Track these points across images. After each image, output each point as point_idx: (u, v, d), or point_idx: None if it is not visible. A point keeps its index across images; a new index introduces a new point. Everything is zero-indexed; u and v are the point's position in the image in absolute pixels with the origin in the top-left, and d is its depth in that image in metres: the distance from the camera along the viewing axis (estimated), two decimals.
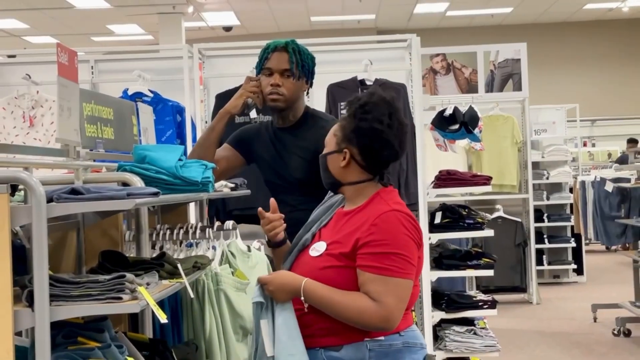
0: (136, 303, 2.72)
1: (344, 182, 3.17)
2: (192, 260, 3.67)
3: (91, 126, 3.78)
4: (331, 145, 3.18)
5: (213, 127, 4.18)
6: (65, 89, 3.38)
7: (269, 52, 4.06)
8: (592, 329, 9.55)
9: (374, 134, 3.09)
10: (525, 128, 11.13)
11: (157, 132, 5.94)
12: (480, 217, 6.75)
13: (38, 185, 2.60)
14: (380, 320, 2.93)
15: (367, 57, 6.44)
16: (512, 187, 11.12)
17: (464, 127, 8.93)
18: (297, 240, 3.25)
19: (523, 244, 11.29)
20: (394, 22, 19.77)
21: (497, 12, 19.37)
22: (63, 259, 3.43)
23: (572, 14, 20.04)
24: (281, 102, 4.05)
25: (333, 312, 2.99)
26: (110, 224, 3.64)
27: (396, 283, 2.93)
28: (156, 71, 6.74)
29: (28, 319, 2.62)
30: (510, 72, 11.09)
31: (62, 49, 3.39)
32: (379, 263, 2.94)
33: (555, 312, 10.65)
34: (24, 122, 6.41)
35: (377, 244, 2.97)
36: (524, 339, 9.10)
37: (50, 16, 17.65)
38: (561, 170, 12.72)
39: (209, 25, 19.07)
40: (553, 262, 12.84)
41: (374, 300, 2.93)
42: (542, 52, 19.48)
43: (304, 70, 4.07)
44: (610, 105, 20.73)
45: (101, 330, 2.92)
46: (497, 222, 10.90)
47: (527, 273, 11.34)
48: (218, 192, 4.30)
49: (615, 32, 21.05)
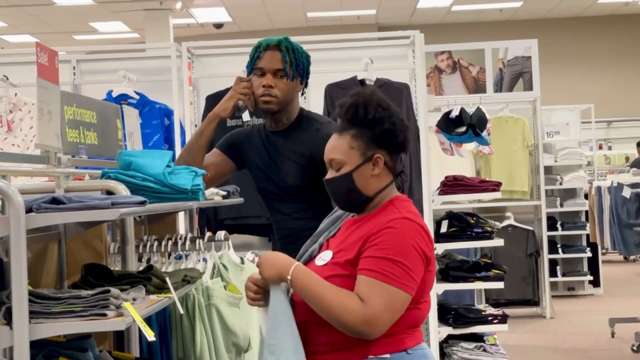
0: (122, 320, 2.71)
1: (373, 194, 3.12)
2: (182, 274, 3.67)
3: (73, 131, 3.78)
4: (354, 160, 3.10)
5: (202, 132, 4.17)
6: (45, 91, 3.38)
7: (260, 51, 4.03)
8: (610, 345, 9.55)
9: (400, 129, 3.11)
10: (537, 130, 11.14)
11: (143, 136, 5.94)
12: (489, 226, 6.75)
13: (16, 194, 2.60)
14: (361, 322, 2.88)
15: (367, 55, 6.45)
16: (523, 193, 11.12)
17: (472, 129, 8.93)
18: (304, 250, 3.23)
19: (535, 254, 11.30)
20: (395, 17, 19.80)
21: (506, 6, 19.40)
22: (43, 273, 3.43)
23: (586, 8, 20.06)
24: (274, 104, 4.02)
25: (316, 302, 2.96)
26: (93, 235, 3.64)
27: (389, 290, 2.91)
28: (142, 71, 6.74)
29: (6, 338, 2.62)
30: (521, 70, 11.10)
31: (41, 49, 3.39)
32: (376, 267, 2.92)
33: (570, 327, 10.65)
34: (1, 126, 6.41)
35: (379, 248, 2.95)
36: (536, 355, 9.11)
37: (29, 13, 17.67)
38: (575, 175, 12.74)
39: (199, 22, 19.10)
40: (567, 274, 12.84)
41: (361, 301, 2.91)
42: (554, 48, 19.50)
43: (299, 69, 4.05)
44: (628, 105, 20.74)
45: (84, 349, 2.92)
46: (508, 231, 10.91)
47: (540, 285, 11.34)
48: (209, 200, 4.30)
49: (632, 27, 21.08)
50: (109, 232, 3.84)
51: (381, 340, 2.98)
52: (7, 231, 2.60)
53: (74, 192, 3.21)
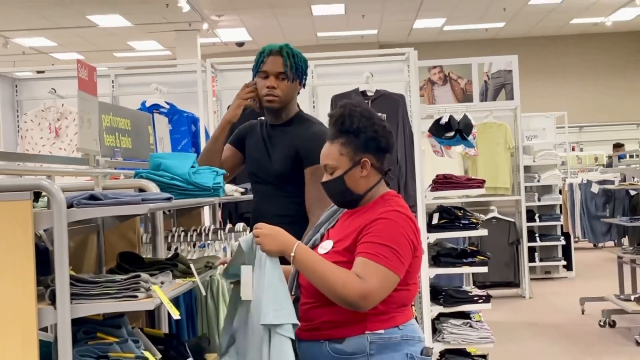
0: (150, 301, 2.71)
1: (364, 192, 3.13)
2: (204, 261, 3.67)
3: (110, 136, 3.78)
4: (344, 164, 3.12)
5: (216, 137, 4.15)
6: (85, 101, 3.38)
7: (264, 56, 4.00)
8: (580, 321, 9.53)
9: (385, 134, 3.13)
10: (517, 134, 11.11)
11: (173, 141, 5.94)
12: (475, 218, 6.74)
13: (59, 192, 2.60)
14: (359, 295, 2.89)
15: (368, 70, 6.44)
16: (505, 189, 11.10)
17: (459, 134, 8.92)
18: (307, 240, 3.23)
19: (516, 242, 11.28)
20: (394, 36, 19.77)
21: (491, 26, 19.36)
22: (84, 260, 3.43)
23: (560, 28, 20.02)
24: (276, 102, 4.01)
25: (319, 277, 2.97)
26: (128, 227, 3.64)
27: (382, 271, 2.92)
28: (172, 84, 6.75)
29: (51, 316, 2.62)
30: (503, 82, 11.08)
31: (82, 65, 3.39)
32: (372, 250, 2.94)
33: (546, 306, 10.63)
34: (50, 132, 6.42)
35: (374, 235, 2.97)
36: (516, 331, 9.09)
37: (76, 34, 17.71)
38: (551, 174, 12.71)
39: (223, 41, 19.10)
40: (544, 259, 12.83)
41: (359, 278, 2.91)
42: (533, 63, 19.46)
43: (298, 72, 4.02)
44: (596, 112, 20.72)
45: (118, 327, 2.92)
46: (492, 222, 10.89)
47: (520, 269, 11.33)
48: (228, 196, 4.29)
49: (600, 44, 21.04)
50: (141, 224, 3.84)
51: (376, 317, 3.00)
52: (51, 224, 2.60)
53: (110, 190, 3.22)
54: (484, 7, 17.24)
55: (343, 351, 3.00)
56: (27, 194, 2.58)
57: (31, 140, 6.44)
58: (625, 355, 7.77)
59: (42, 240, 2.78)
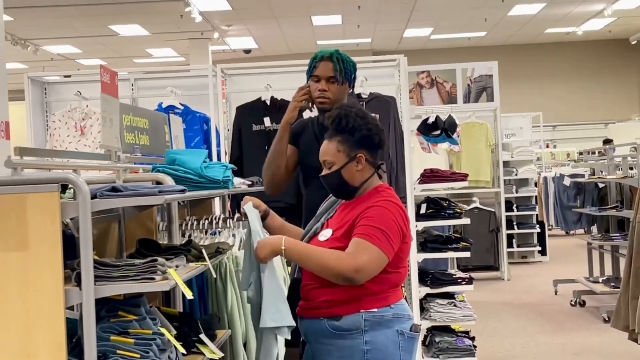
0: (166, 282, 2.71)
1: (359, 185, 3.14)
2: (215, 246, 3.66)
3: (130, 134, 3.78)
4: (341, 159, 3.13)
5: (281, 138, 3.96)
6: (108, 103, 3.38)
7: (316, 61, 3.90)
8: (554, 301, 9.55)
9: (377, 132, 3.14)
10: (497, 133, 11.12)
11: (186, 138, 5.94)
12: (459, 208, 6.73)
13: (84, 184, 2.60)
14: (351, 269, 2.90)
15: (363, 74, 6.40)
16: (486, 182, 11.11)
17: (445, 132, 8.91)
18: (309, 228, 3.25)
19: (496, 230, 11.29)
20: (386, 44, 19.75)
21: (473, 35, 19.34)
22: (107, 246, 3.43)
23: (536, 36, 20.00)
24: (327, 104, 3.88)
25: (313, 261, 2.99)
26: (146, 216, 3.64)
27: (374, 250, 2.93)
28: (186, 87, 6.72)
29: (76, 296, 2.62)
30: (484, 86, 11.07)
31: (104, 70, 3.39)
32: (366, 232, 2.96)
33: (523, 287, 10.64)
34: (75, 131, 6.41)
35: (368, 219, 2.99)
36: (496, 309, 9.10)
37: (99, 42, 17.69)
38: (527, 168, 12.71)
39: (232, 49, 19.07)
40: (521, 245, 12.84)
41: (351, 255, 2.93)
42: (511, 69, 19.44)
43: (347, 76, 3.91)
44: (569, 112, 20.71)
45: (138, 306, 2.92)
46: (474, 212, 10.90)
47: (499, 254, 11.34)
48: (237, 188, 4.29)
49: (571, 51, 21.02)
50: (158, 213, 3.84)
51: (370, 297, 3.00)
52: (76, 213, 2.61)
53: (130, 182, 3.21)
54: (467, 18, 17.22)
55: (340, 327, 3.01)
56: (55, 186, 2.58)
57: (59, 138, 6.43)
58: (594, 332, 7.78)
59: (68, 228, 2.78)
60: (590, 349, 7.12)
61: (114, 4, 14.06)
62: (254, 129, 6.21)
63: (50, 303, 2.56)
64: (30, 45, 16.73)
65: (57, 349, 2.55)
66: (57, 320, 2.56)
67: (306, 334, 3.14)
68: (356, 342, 2.99)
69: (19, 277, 2.56)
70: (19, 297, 2.55)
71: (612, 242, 8.61)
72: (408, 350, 3.05)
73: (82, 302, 2.61)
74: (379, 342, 2.99)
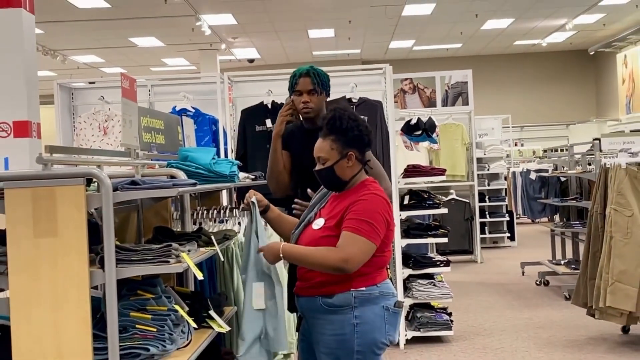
0: (179, 265, 2.72)
1: (349, 179, 3.13)
2: (223, 233, 3.67)
3: (147, 134, 3.77)
4: (334, 156, 3.11)
5: (275, 150, 3.95)
6: (127, 106, 3.37)
7: (296, 78, 3.92)
8: (521, 281, 9.56)
9: (365, 133, 3.12)
10: (471, 133, 11.11)
11: (197, 138, 5.93)
12: (437, 199, 6.73)
13: (106, 178, 2.60)
14: (339, 260, 2.92)
15: (353, 81, 6.41)
16: (461, 176, 11.10)
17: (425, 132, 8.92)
18: (303, 218, 3.23)
19: (470, 219, 11.30)
20: (374, 54, 19.72)
21: (451, 47, 19.33)
22: (127, 233, 3.43)
23: (506, 47, 19.99)
24: (311, 113, 3.90)
25: (305, 260, 3.02)
26: (162, 206, 3.64)
27: (361, 240, 2.94)
28: (197, 93, 6.70)
29: (100, 277, 2.62)
30: (460, 91, 11.06)
31: (124, 77, 3.38)
32: (353, 224, 2.96)
33: (494, 269, 10.65)
34: (99, 131, 6.39)
35: (356, 213, 2.98)
36: (470, 288, 9.11)
37: (119, 53, 17.63)
38: (498, 164, 12.73)
39: (237, 58, 19.03)
40: (492, 232, 12.86)
41: (337, 248, 2.94)
42: (484, 76, 19.43)
43: (323, 87, 3.93)
44: (534, 115, 20.72)
45: (154, 285, 2.92)
46: (451, 203, 10.90)
47: (473, 240, 11.35)
48: (242, 181, 4.29)
49: (537, 61, 21.02)
50: (172, 204, 3.84)
51: (359, 278, 3.01)
52: (100, 204, 2.61)
53: (147, 177, 3.21)
54: (445, 32, 17.21)
55: (333, 304, 3.01)
56: (81, 180, 2.58)
57: (84, 138, 6.41)
58: (556, 308, 7.80)
59: (93, 217, 2.78)
60: (553, 323, 7.14)
61: (133, 18, 14.02)
62: (257, 130, 6.21)
63: (77, 283, 2.56)
64: (59, 55, 16.68)
65: (83, 323, 2.55)
66: (83, 298, 2.56)
67: (303, 310, 3.15)
68: (347, 317, 2.99)
69: (50, 260, 2.56)
70: (50, 277, 2.55)
71: (573, 229, 8.62)
72: (392, 323, 3.06)
73: (105, 282, 2.62)
74: (367, 317, 3.00)
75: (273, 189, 4.01)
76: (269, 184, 4.01)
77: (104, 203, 2.59)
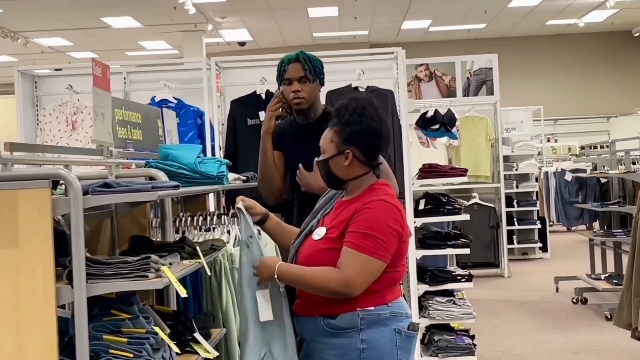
0: (159, 280, 2.72)
1: (347, 179, 3.12)
2: (209, 243, 3.67)
3: (122, 129, 3.78)
4: (331, 150, 3.12)
5: (264, 150, 4.04)
6: (100, 97, 3.38)
7: (285, 65, 3.99)
8: (555, 298, 9.56)
9: (372, 133, 3.08)
10: (497, 127, 11.12)
11: (180, 133, 5.93)
12: (458, 204, 6.73)
13: (75, 180, 2.60)
14: (339, 284, 2.91)
15: (360, 68, 6.41)
16: (486, 177, 11.11)
17: (444, 126, 8.94)
18: (305, 225, 3.23)
19: (496, 226, 11.30)
20: (384, 37, 19.74)
21: (473, 27, 19.34)
22: (99, 243, 3.43)
23: (537, 28, 20.01)
24: (304, 104, 3.97)
25: (303, 283, 3.02)
26: (139, 212, 3.63)
27: (364, 258, 2.92)
28: (180, 81, 6.71)
29: (68, 294, 2.62)
30: (484, 79, 11.08)
31: (96, 64, 3.38)
32: (355, 240, 2.94)
33: (523, 284, 10.66)
34: (67, 125, 6.40)
35: (359, 225, 2.96)
36: (496, 307, 9.11)
37: (90, 35, 17.66)
38: (528, 163, 12.73)
39: (226, 41, 19.06)
40: (521, 241, 12.86)
41: (338, 269, 2.93)
42: (511, 61, 19.47)
43: (316, 73, 4.00)
44: (570, 106, 20.73)
45: (131, 304, 2.92)
46: (473, 208, 10.91)
47: (499, 251, 11.35)
48: (231, 184, 4.29)
49: (573, 44, 21.04)
50: (151, 210, 3.84)
51: (367, 295, 2.99)
52: (68, 209, 2.61)
53: (123, 178, 3.21)
54: (466, 10, 17.22)
55: (336, 326, 3.01)
56: (46, 182, 2.58)
57: (49, 133, 6.42)
58: (596, 329, 7.80)
59: (60, 225, 2.79)
60: (591, 347, 7.14)
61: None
62: (249, 123, 6.21)
63: (41, 301, 2.56)
64: (20, 38, 16.70)
65: (49, 348, 2.55)
66: (48, 319, 2.56)
67: (302, 332, 3.14)
68: (352, 340, 2.98)
69: (10, 274, 2.56)
70: (10, 295, 2.55)
71: (615, 238, 8.62)
72: (406, 349, 3.05)
73: (74, 300, 2.62)
74: (376, 341, 2.99)
75: (265, 194, 4.03)
76: (261, 189, 4.03)
77: (73, 209, 2.60)
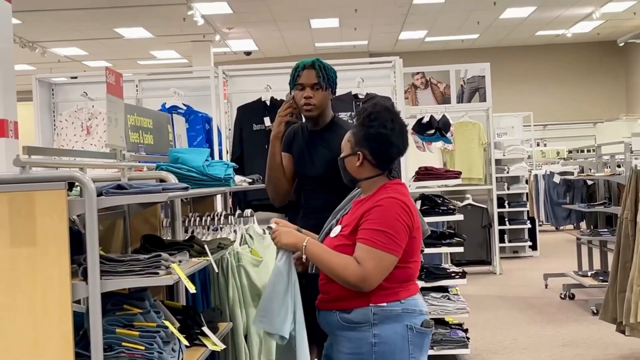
0: (170, 277, 2.72)
1: (360, 179, 3.15)
2: (217, 242, 3.66)
3: (134, 134, 3.78)
4: (347, 150, 3.16)
5: (273, 154, 3.95)
6: (113, 103, 3.38)
7: (299, 70, 3.90)
8: (544, 294, 9.55)
9: (381, 138, 3.07)
10: (489, 132, 11.11)
11: (189, 138, 5.94)
12: (452, 205, 6.73)
13: (90, 182, 2.60)
14: (357, 278, 2.92)
15: (359, 76, 6.42)
16: (478, 179, 11.09)
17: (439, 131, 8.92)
18: (327, 225, 3.25)
19: (488, 226, 11.28)
20: (382, 46, 19.74)
21: (466, 37, 19.34)
22: (112, 242, 3.43)
23: (527, 38, 19.99)
24: (314, 110, 3.88)
25: (324, 264, 3.01)
26: (150, 213, 3.63)
27: (379, 254, 2.92)
28: (189, 88, 6.72)
29: (83, 290, 2.62)
30: (477, 86, 11.06)
31: (110, 72, 3.38)
32: (369, 236, 2.94)
33: (514, 281, 10.64)
34: (82, 130, 6.42)
35: (372, 222, 2.97)
36: (488, 302, 9.10)
37: (104, 45, 17.67)
38: (519, 166, 12.71)
39: (233, 51, 19.06)
40: (513, 240, 12.84)
41: (357, 263, 2.93)
42: (503, 70, 19.45)
43: (329, 82, 3.91)
44: (558, 112, 20.72)
45: (142, 299, 2.92)
46: (467, 208, 10.90)
47: (491, 249, 11.33)
48: (238, 186, 4.29)
49: (561, 53, 21.03)
50: (162, 210, 3.84)
51: (379, 292, 2.99)
52: (83, 210, 2.61)
53: (135, 180, 3.21)
54: (460, 21, 17.22)
55: (351, 320, 3.01)
56: (63, 184, 2.58)
57: (66, 137, 6.43)
58: (583, 324, 7.79)
59: (75, 225, 2.79)
60: (579, 340, 7.13)
61: (119, 7, 14.04)
62: (255, 129, 6.22)
63: (57, 297, 2.56)
64: (38, 48, 16.72)
65: (65, 341, 2.55)
66: (64, 314, 2.56)
67: (323, 325, 3.16)
68: (365, 334, 2.98)
69: (28, 272, 2.56)
70: (28, 291, 2.55)
71: (601, 237, 8.61)
72: (418, 345, 3.03)
73: (89, 296, 2.62)
74: (387, 336, 2.98)
75: (271, 196, 4.01)
76: (268, 190, 4.01)
77: (87, 209, 2.59)
